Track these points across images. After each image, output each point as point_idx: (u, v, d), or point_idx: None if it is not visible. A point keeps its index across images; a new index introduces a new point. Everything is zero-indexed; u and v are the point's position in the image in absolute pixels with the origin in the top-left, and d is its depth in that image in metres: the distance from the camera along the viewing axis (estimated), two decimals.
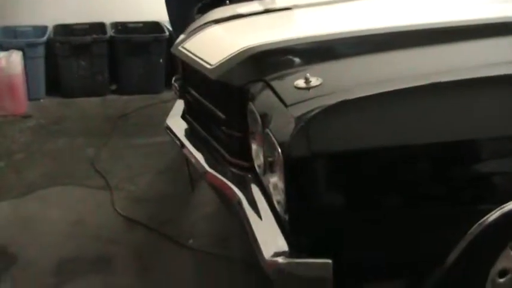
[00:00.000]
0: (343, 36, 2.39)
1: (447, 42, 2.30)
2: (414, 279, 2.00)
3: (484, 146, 1.90)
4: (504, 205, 1.88)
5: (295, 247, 1.87)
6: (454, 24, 2.44)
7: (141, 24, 5.94)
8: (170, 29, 5.45)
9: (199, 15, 3.44)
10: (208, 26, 2.92)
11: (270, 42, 2.40)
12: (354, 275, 1.95)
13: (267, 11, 3.05)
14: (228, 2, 3.38)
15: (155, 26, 5.85)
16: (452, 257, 1.91)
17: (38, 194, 3.70)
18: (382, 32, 2.39)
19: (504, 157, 1.92)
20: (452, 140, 1.86)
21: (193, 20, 3.29)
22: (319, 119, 1.79)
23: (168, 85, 3.39)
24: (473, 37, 2.33)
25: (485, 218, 1.88)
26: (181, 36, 3.04)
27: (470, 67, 2.07)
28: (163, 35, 5.61)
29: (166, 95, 5.36)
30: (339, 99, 1.83)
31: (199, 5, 3.57)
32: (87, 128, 4.81)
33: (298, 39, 2.42)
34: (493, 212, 1.88)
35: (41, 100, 5.47)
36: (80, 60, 5.51)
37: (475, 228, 1.88)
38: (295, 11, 2.99)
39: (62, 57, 5.47)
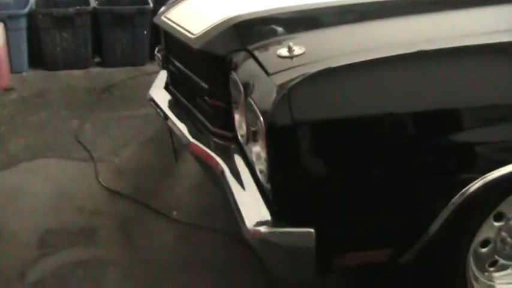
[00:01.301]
0: (326, 5, 2.38)
1: (431, 12, 2.30)
2: (397, 248, 2.01)
3: (467, 115, 1.90)
4: (486, 175, 1.89)
5: (278, 216, 1.88)
6: None
7: None
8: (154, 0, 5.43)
9: None
10: None
11: (253, 11, 2.39)
12: (336, 244, 1.96)
13: None
14: None
15: None
16: (434, 226, 1.93)
17: (21, 166, 3.68)
18: (365, 1, 2.39)
19: (486, 126, 1.93)
20: (436, 109, 1.86)
21: None
22: (302, 87, 1.79)
23: (153, 57, 3.36)
24: (457, 7, 2.33)
25: (467, 187, 1.89)
26: (164, 6, 3.02)
27: (454, 36, 2.07)
28: (147, 6, 5.54)
29: (151, 67, 5.34)
30: (322, 68, 1.83)
31: None
32: (70, 101, 4.78)
33: (281, 8, 2.41)
34: (475, 182, 1.89)
35: (24, 73, 5.41)
36: (62, 32, 5.44)
37: (457, 198, 1.89)
38: None
39: (45, 29, 5.40)
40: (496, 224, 2.07)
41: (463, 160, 1.93)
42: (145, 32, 5.59)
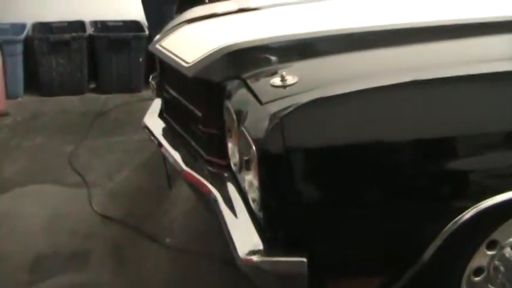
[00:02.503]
0: (320, 34, 2.40)
1: (423, 41, 2.31)
2: (390, 275, 2.01)
3: (460, 143, 1.92)
4: (479, 203, 1.89)
5: (270, 245, 1.87)
6: (429, 24, 2.46)
7: (120, 23, 5.89)
8: None
9: (178, 14, 3.44)
10: (186, 24, 2.92)
11: (247, 40, 2.40)
12: (329, 271, 1.96)
13: (244, 10, 3.05)
14: (207, 0, 3.38)
15: (135, 25, 5.81)
16: (428, 254, 1.93)
17: (15, 191, 3.67)
18: (358, 31, 2.41)
19: (480, 155, 1.94)
20: (428, 138, 1.87)
21: (172, 18, 3.29)
22: (294, 116, 1.80)
23: (148, 83, 3.38)
24: (450, 37, 2.35)
25: (460, 216, 1.89)
26: (159, 35, 3.04)
27: (447, 65, 2.09)
28: (143, 33, 5.58)
29: (146, 93, 5.35)
30: (314, 97, 1.84)
31: (178, 4, 3.56)
32: (65, 126, 4.79)
33: (275, 37, 2.42)
34: (468, 210, 1.89)
35: (19, 98, 5.41)
36: (58, 57, 5.46)
37: (450, 226, 1.90)
38: (272, 10, 3.00)
39: (41, 54, 5.41)
40: (489, 252, 2.07)
41: (456, 188, 1.93)
42: (140, 59, 5.61)
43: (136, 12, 5.54)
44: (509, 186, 1.92)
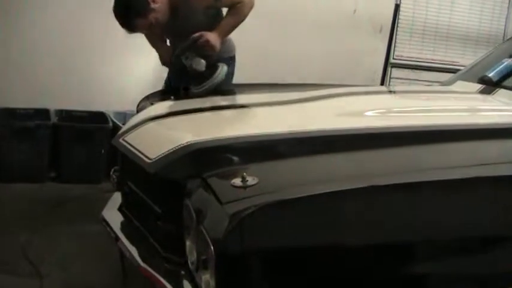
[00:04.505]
0: (282, 137, 2.44)
1: (382, 147, 2.37)
2: None
3: (415, 248, 1.94)
4: None
5: None
6: (388, 130, 2.54)
7: (85, 113, 5.92)
8: (114, 119, 5.49)
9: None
10: (150, 120, 2.95)
11: (209, 139, 2.43)
12: None
13: (209, 109, 3.10)
14: (172, 97, 3.43)
15: (100, 116, 5.84)
16: None
17: None
18: (319, 134, 2.46)
19: (438, 260, 1.96)
20: (384, 242, 1.90)
21: None
22: (253, 217, 1.81)
23: (109, 175, 3.38)
24: (407, 143, 2.41)
25: None
26: (123, 129, 3.06)
27: (402, 171, 2.15)
28: (106, 125, 5.61)
29: (106, 185, 5.32)
30: (274, 199, 1.87)
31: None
32: (21, 213, 4.70)
33: (237, 137, 2.46)
34: None
35: None
36: (21, 144, 5.44)
37: None
38: (236, 110, 3.05)
39: (3, 140, 5.40)
40: None
41: None
42: (102, 151, 5.60)
43: (101, 103, 5.59)
44: None
